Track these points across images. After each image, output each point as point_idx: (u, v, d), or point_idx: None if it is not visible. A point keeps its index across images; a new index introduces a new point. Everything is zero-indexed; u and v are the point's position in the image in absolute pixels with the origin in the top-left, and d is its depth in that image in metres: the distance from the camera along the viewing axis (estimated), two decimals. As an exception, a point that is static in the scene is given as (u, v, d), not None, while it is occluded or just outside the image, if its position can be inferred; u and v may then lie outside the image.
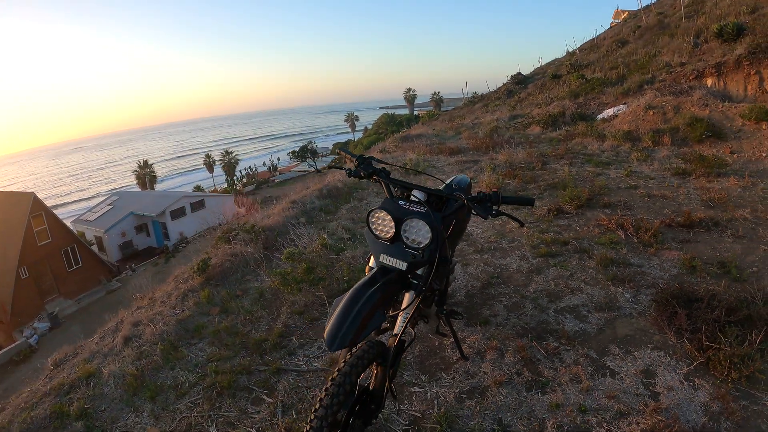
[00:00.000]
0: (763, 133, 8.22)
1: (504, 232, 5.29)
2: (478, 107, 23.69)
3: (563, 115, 12.42)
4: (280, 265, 4.64)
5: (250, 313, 3.88)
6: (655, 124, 9.82)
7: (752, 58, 10.50)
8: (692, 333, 3.32)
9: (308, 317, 3.74)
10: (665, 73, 12.90)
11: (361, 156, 2.26)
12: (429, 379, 3.00)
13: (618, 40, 21.34)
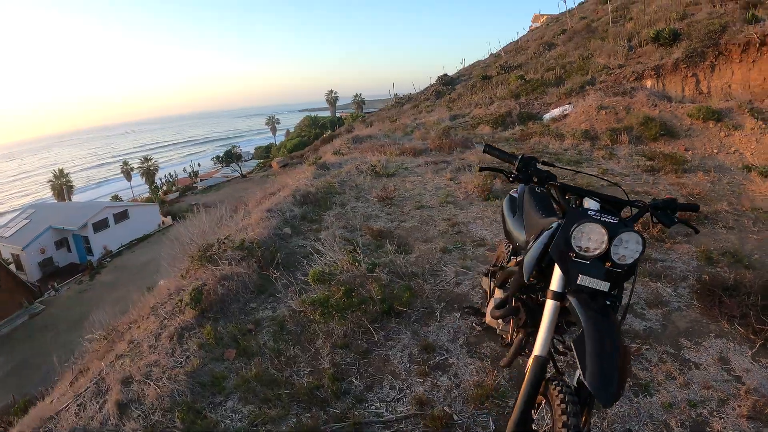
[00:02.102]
0: (711, 131, 9.67)
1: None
2: (407, 108, 24.66)
3: (510, 114, 13.36)
4: (301, 289, 4.26)
5: (280, 353, 3.50)
6: (609, 124, 11.00)
7: (689, 61, 12.43)
8: (741, 318, 3.78)
9: (356, 350, 3.50)
10: (605, 74, 14.68)
11: (523, 156, 2.11)
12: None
13: (544, 43, 23.59)
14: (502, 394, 3.00)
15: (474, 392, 2.97)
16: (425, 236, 5.56)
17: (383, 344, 3.51)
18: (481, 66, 27.98)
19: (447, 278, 4.54)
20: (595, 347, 1.64)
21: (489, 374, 3.13)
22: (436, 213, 6.28)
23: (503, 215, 3.04)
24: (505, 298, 2.44)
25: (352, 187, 7.72)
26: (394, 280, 4.31)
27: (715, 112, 9.93)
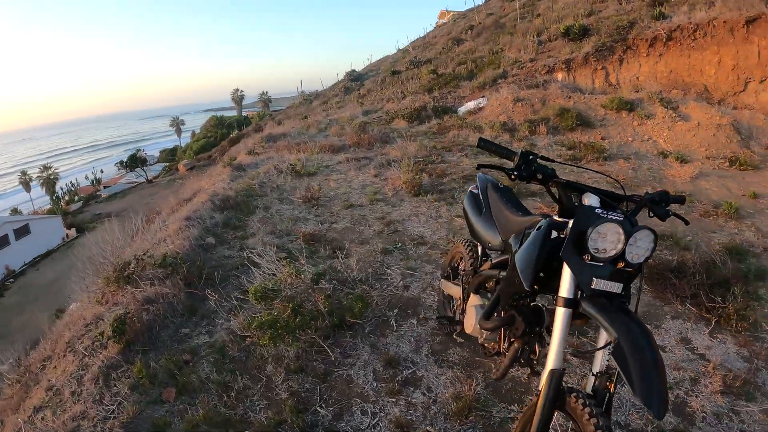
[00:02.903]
0: (624, 121, 10.51)
1: (456, 229, 5.45)
2: (316, 105, 24.62)
3: (425, 108, 13.64)
4: (237, 307, 3.81)
5: (227, 387, 3.10)
6: (527, 115, 11.56)
7: (599, 55, 13.59)
8: (692, 298, 4.01)
9: (314, 373, 3.22)
10: (516, 68, 15.55)
11: (523, 152, 2.01)
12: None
13: (452, 38, 24.62)
14: (484, 404, 2.86)
15: (454, 406, 2.80)
16: (361, 237, 5.36)
17: (342, 363, 3.24)
18: (390, 61, 28.76)
19: (394, 282, 4.37)
20: (638, 359, 1.64)
21: (464, 384, 2.97)
22: (368, 212, 6.12)
23: (466, 214, 2.98)
24: (491, 306, 2.37)
25: (274, 189, 7.44)
26: (338, 289, 4.04)
27: (628, 102, 10.80)
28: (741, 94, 12.36)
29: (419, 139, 10.31)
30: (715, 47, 12.59)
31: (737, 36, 12.37)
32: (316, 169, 8.29)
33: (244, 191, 7.26)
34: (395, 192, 6.78)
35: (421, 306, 3.96)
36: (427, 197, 6.45)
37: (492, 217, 2.69)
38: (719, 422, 2.84)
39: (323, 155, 9.42)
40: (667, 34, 13.02)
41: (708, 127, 9.45)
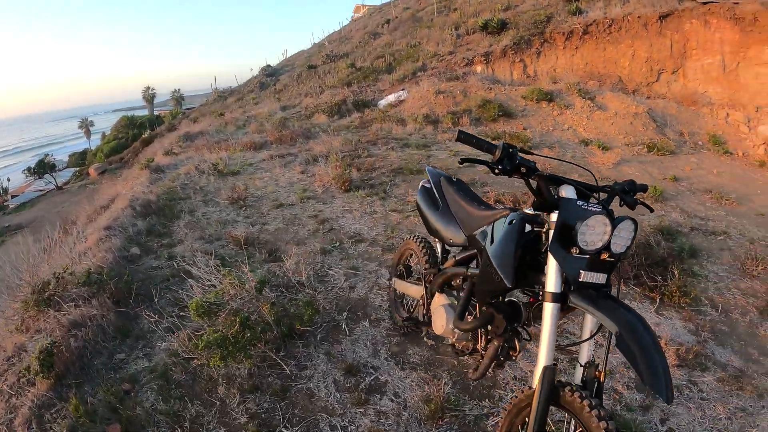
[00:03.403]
0: (544, 111, 11.04)
1: (392, 224, 5.41)
2: (231, 102, 24.03)
3: (345, 102, 13.65)
4: (175, 325, 3.42)
5: (178, 417, 2.79)
6: (449, 107, 11.84)
7: (516, 48, 14.25)
8: (635, 279, 4.22)
9: (271, 391, 2.97)
10: (435, 61, 15.89)
11: (504, 144, 1.94)
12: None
13: (369, 32, 24.87)
14: (456, 404, 2.79)
15: (426, 409, 2.70)
16: (296, 238, 5.14)
17: (298, 376, 3.02)
18: (305, 56, 28.60)
19: (338, 283, 4.21)
20: (641, 348, 1.68)
21: (432, 385, 2.87)
22: (299, 211, 5.92)
23: (422, 210, 2.92)
24: (463, 305, 2.37)
25: (197, 190, 7.07)
26: (281, 296, 3.80)
27: (547, 93, 11.37)
28: (654, 84, 13.46)
29: (342, 133, 10.23)
30: (630, 41, 13.60)
31: (651, 30, 13.46)
32: (240, 167, 8.03)
33: (166, 194, 6.92)
34: (325, 188, 6.62)
35: (370, 307, 3.85)
36: (358, 193, 6.36)
37: (451, 213, 2.67)
38: (681, 394, 3.00)
39: (245, 153, 9.16)
40: (584, 29, 13.92)
41: (625, 115, 10.15)
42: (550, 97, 11.44)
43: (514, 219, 2.06)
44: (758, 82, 11.81)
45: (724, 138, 10.42)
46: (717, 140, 10.17)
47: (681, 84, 12.95)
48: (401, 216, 5.63)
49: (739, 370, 3.25)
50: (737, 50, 12.18)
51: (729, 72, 12.26)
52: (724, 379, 3.13)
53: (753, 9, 11.69)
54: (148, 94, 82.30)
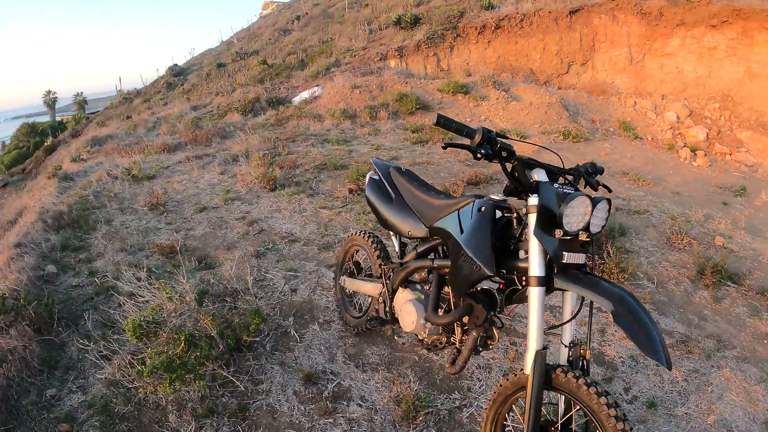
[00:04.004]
0: (461, 103, 11.32)
1: (324, 221, 5.27)
2: (138, 103, 22.93)
3: (258, 100, 13.40)
4: (106, 349, 2.98)
5: None
6: (366, 102, 11.86)
7: (430, 42, 14.51)
8: None
9: (228, 412, 2.70)
10: (349, 56, 15.84)
11: (485, 129, 1.90)
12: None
13: (279, 29, 24.70)
14: (427, 400, 2.69)
15: (398, 410, 2.58)
16: (225, 242, 4.82)
17: (255, 392, 2.76)
18: (213, 54, 27.78)
19: (278, 287, 3.97)
20: (638, 321, 1.72)
21: (397, 384, 2.75)
22: (225, 213, 5.58)
23: (373, 204, 2.82)
24: (435, 298, 2.33)
25: (112, 198, 6.52)
26: (221, 306, 3.49)
27: (463, 85, 11.66)
28: (564, 75, 14.24)
29: (259, 131, 9.95)
30: (541, 35, 14.26)
31: (561, 25, 14.21)
32: (156, 171, 7.53)
33: (79, 204, 6.38)
34: (249, 188, 6.32)
35: (317, 309, 3.66)
36: (284, 191, 6.13)
37: (406, 204, 2.60)
38: (636, 363, 3.12)
39: (159, 156, 8.62)
40: (496, 23, 14.45)
41: (539, 105, 10.62)
42: (466, 89, 11.74)
43: (484, 206, 2.08)
44: (663, 71, 12.93)
45: (633, 124, 11.20)
46: (627, 126, 10.91)
47: (590, 75, 13.84)
48: (332, 212, 5.49)
49: (684, 335, 3.44)
50: (643, 43, 13.22)
51: (636, 63, 13.30)
52: (673, 345, 3.30)
53: (659, 4, 12.78)
54: (49, 98, 77.10)
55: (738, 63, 12.06)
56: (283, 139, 9.02)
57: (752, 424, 2.75)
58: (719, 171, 9.67)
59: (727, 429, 2.68)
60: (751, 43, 11.86)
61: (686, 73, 12.73)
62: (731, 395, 2.91)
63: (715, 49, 12.37)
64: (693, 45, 12.60)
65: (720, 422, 2.72)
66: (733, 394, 2.92)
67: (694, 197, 7.62)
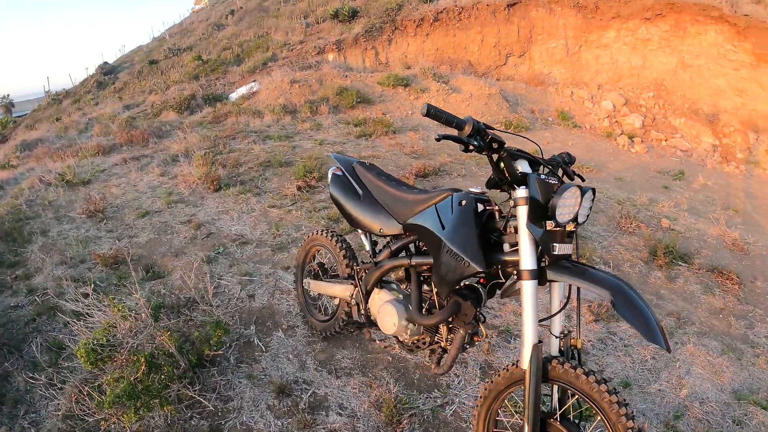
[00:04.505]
0: (401, 96, 11.31)
1: (274, 221, 5.08)
2: (68, 104, 21.79)
3: (194, 97, 12.89)
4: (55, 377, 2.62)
5: None
6: (305, 96, 11.66)
7: (368, 35, 14.42)
8: None
9: None
10: (286, 50, 15.53)
11: (474, 121, 1.85)
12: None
13: (213, 24, 24.02)
14: (408, 402, 2.60)
15: (380, 415, 2.47)
16: (172, 249, 4.51)
17: (225, 410, 2.55)
18: (145, 51, 26.60)
19: (234, 293, 3.75)
20: (636, 308, 1.73)
21: (375, 388, 2.63)
22: (169, 217, 5.24)
23: (339, 202, 2.69)
24: (418, 298, 2.25)
25: (46, 206, 5.98)
26: (175, 318, 3.24)
27: (403, 78, 11.62)
28: (502, 67, 14.50)
29: (197, 130, 9.55)
30: (479, 27, 14.41)
31: (499, 17, 14.41)
32: (91, 175, 7.01)
33: (10, 215, 5.86)
34: (192, 189, 5.99)
35: (278, 314, 3.47)
36: (229, 191, 5.88)
37: (376, 201, 2.50)
38: (606, 345, 3.18)
39: (94, 159, 8.05)
40: (434, 16, 14.51)
41: (479, 97, 10.76)
42: (406, 82, 11.74)
43: (465, 200, 2.05)
44: (598, 62, 13.39)
45: (571, 113, 11.53)
46: (565, 116, 11.23)
47: (528, 66, 14.17)
48: (282, 211, 5.30)
49: (645, 315, 3.54)
50: (579, 35, 13.63)
51: (572, 54, 13.73)
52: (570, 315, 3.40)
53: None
54: (-29, 102, 70.31)
55: (671, 54, 12.65)
56: (223, 137, 8.70)
57: (721, 394, 2.88)
58: (656, 156, 10.11)
59: (699, 401, 2.79)
60: (683, 35, 12.45)
61: (621, 64, 13.27)
62: (698, 369, 3.03)
63: (649, 41, 12.94)
64: (628, 37, 13.13)
65: (692, 395, 2.83)
66: (700, 368, 3.03)
67: (636, 182, 7.92)
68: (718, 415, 2.72)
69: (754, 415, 2.73)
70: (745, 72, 11.55)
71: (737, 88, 11.68)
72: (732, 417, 2.72)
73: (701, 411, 2.72)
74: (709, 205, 7.01)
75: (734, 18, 11.54)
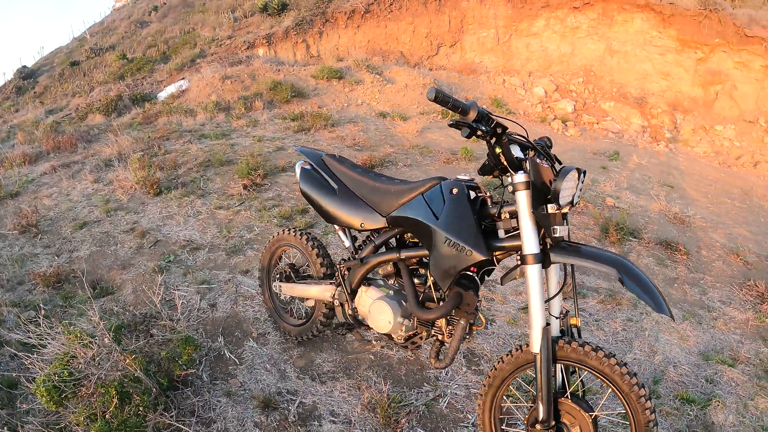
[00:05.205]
0: (335, 88, 11.14)
1: (223, 223, 4.83)
2: None
3: (122, 98, 12.19)
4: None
5: None
6: (238, 92, 11.25)
7: (299, 29, 14.01)
8: None
9: None
10: (215, 46, 14.93)
11: (478, 106, 1.83)
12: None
13: (136, 21, 23.02)
14: (401, 400, 2.48)
15: (377, 417, 2.33)
16: (119, 261, 4.13)
17: (208, 435, 2.30)
18: (65, 52, 24.93)
19: (194, 304, 3.47)
20: (640, 282, 1.73)
21: (365, 389, 2.49)
22: (110, 227, 4.81)
23: (311, 197, 2.52)
24: (413, 292, 2.15)
25: None
26: (135, 337, 2.93)
27: (337, 71, 11.41)
28: (434, 57, 14.48)
29: (127, 132, 8.97)
30: (410, 18, 14.31)
31: (430, 8, 14.33)
32: (19, 186, 6.36)
33: None
34: (131, 195, 5.55)
35: (245, 322, 3.24)
36: (171, 194, 5.51)
37: (354, 194, 2.36)
38: (565, 318, 3.23)
39: (20, 168, 7.32)
40: (365, 8, 14.26)
41: (414, 87, 10.74)
42: (340, 74, 11.56)
43: (456, 188, 1.98)
44: (529, 50, 13.63)
45: (504, 100, 11.71)
46: (499, 103, 11.40)
47: (459, 56, 14.25)
48: (230, 212, 5.03)
49: (609, 290, 3.63)
50: (510, 24, 13.79)
51: (503, 43, 13.92)
52: (603, 301, 3.46)
53: (524, -13, 13.49)
54: None
55: (599, 41, 13.09)
56: (156, 138, 8.23)
57: (690, 356, 3.01)
58: (590, 139, 10.42)
59: (673, 365, 2.89)
60: (611, 22, 12.90)
61: (551, 52, 13.59)
62: (665, 336, 3.14)
63: (577, 29, 13.31)
64: (557, 25, 13.44)
65: (665, 361, 2.95)
66: (667, 335, 3.15)
67: (575, 164, 8.05)
68: (691, 376, 2.84)
69: (724, 372, 2.88)
70: (670, 57, 12.18)
71: (663, 72, 12.33)
72: (704, 377, 2.86)
73: (676, 374, 2.83)
74: (646, 182, 7.31)
75: (660, 6, 12.11)
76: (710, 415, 2.51)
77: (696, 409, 2.57)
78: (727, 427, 2.46)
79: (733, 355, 3.03)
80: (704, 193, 7.29)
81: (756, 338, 3.28)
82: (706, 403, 2.61)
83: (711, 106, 11.84)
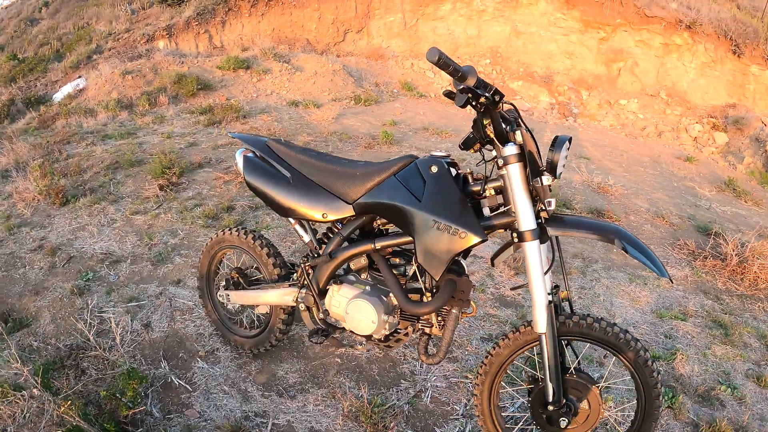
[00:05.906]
0: (243, 79, 10.50)
1: (143, 230, 4.31)
2: None
3: (14, 103, 10.94)
4: None
5: None
6: (141, 88, 10.34)
7: (200, 19, 12.98)
8: None
9: None
10: (112, 40, 13.62)
11: (476, 72, 1.62)
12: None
13: (25, 18, 20.92)
14: (382, 403, 2.23)
15: (362, 426, 2.08)
16: (30, 286, 3.44)
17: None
18: None
19: (125, 326, 2.94)
20: (640, 247, 1.66)
21: (340, 397, 2.20)
22: (15, 246, 4.06)
23: (259, 189, 2.13)
24: (397, 285, 1.88)
25: None
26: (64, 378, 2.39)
27: (243, 61, 10.72)
28: (341, 43, 13.93)
29: (23, 138, 7.94)
30: (316, 5, 13.59)
31: None
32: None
33: None
34: (34, 208, 4.76)
35: (188, 340, 2.79)
36: (80, 202, 4.82)
37: (312, 182, 2.02)
38: (556, 293, 3.17)
39: None
40: (268, -5, 13.47)
41: (324, 74, 10.31)
42: (247, 64, 10.89)
43: (436, 165, 1.73)
44: (436, 34, 13.50)
45: (414, 84, 11.56)
46: (409, 86, 11.22)
47: (366, 41, 13.85)
48: (148, 217, 4.46)
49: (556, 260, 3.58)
50: (416, 8, 13.53)
51: (410, 28, 13.67)
52: (554, 271, 3.38)
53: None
54: None
55: (504, 23, 13.20)
56: (56, 142, 7.32)
57: (645, 315, 3.05)
58: (501, 118, 10.60)
59: (632, 326, 2.88)
60: (516, 5, 13.03)
61: (458, 35, 13.53)
62: (618, 299, 3.15)
63: (483, 12, 13.30)
64: (463, 9, 13.37)
65: (624, 323, 2.96)
66: (619, 298, 3.15)
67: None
68: (651, 334, 2.86)
69: (678, 327, 2.93)
70: (573, 37, 12.59)
71: (567, 52, 12.75)
72: (662, 333, 2.90)
73: (637, 334, 2.86)
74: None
75: (563, -11, 12.43)
76: (677, 368, 2.52)
77: (664, 364, 2.58)
78: (694, 376, 2.48)
79: (683, 310, 3.12)
80: (618, 163, 7.63)
81: (698, 292, 3.41)
82: (671, 357, 2.63)
83: (614, 82, 12.45)
